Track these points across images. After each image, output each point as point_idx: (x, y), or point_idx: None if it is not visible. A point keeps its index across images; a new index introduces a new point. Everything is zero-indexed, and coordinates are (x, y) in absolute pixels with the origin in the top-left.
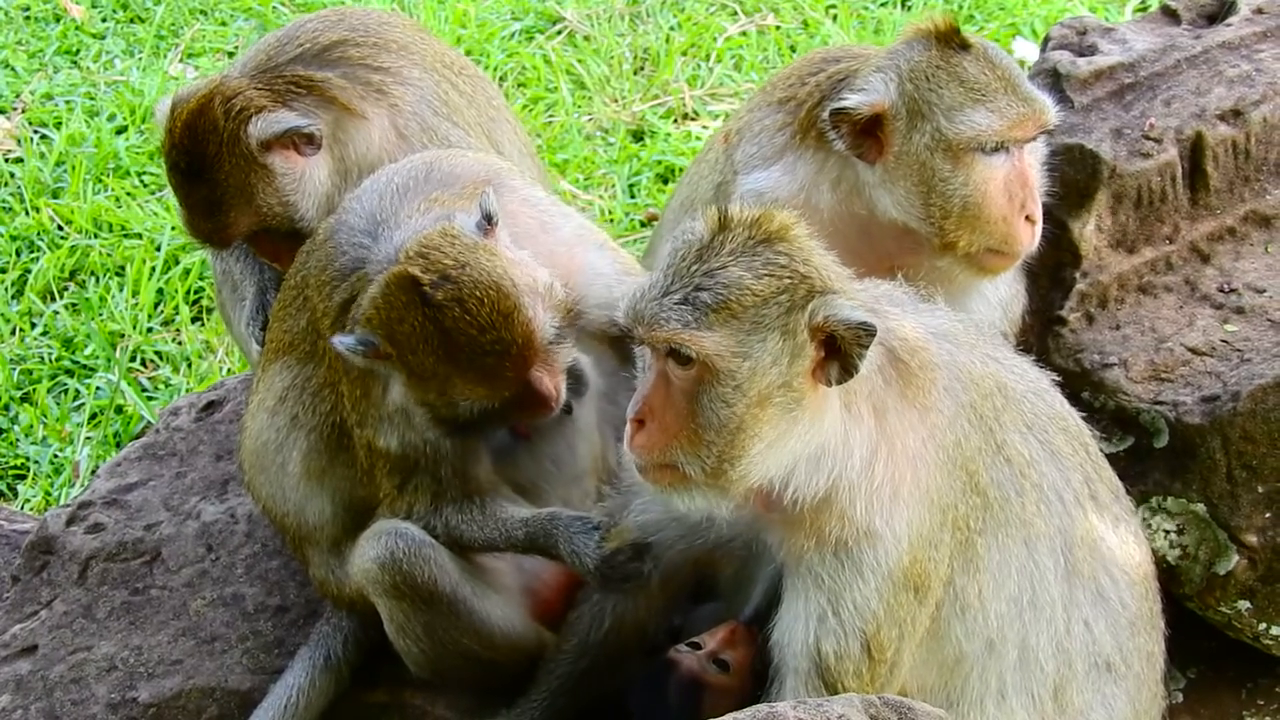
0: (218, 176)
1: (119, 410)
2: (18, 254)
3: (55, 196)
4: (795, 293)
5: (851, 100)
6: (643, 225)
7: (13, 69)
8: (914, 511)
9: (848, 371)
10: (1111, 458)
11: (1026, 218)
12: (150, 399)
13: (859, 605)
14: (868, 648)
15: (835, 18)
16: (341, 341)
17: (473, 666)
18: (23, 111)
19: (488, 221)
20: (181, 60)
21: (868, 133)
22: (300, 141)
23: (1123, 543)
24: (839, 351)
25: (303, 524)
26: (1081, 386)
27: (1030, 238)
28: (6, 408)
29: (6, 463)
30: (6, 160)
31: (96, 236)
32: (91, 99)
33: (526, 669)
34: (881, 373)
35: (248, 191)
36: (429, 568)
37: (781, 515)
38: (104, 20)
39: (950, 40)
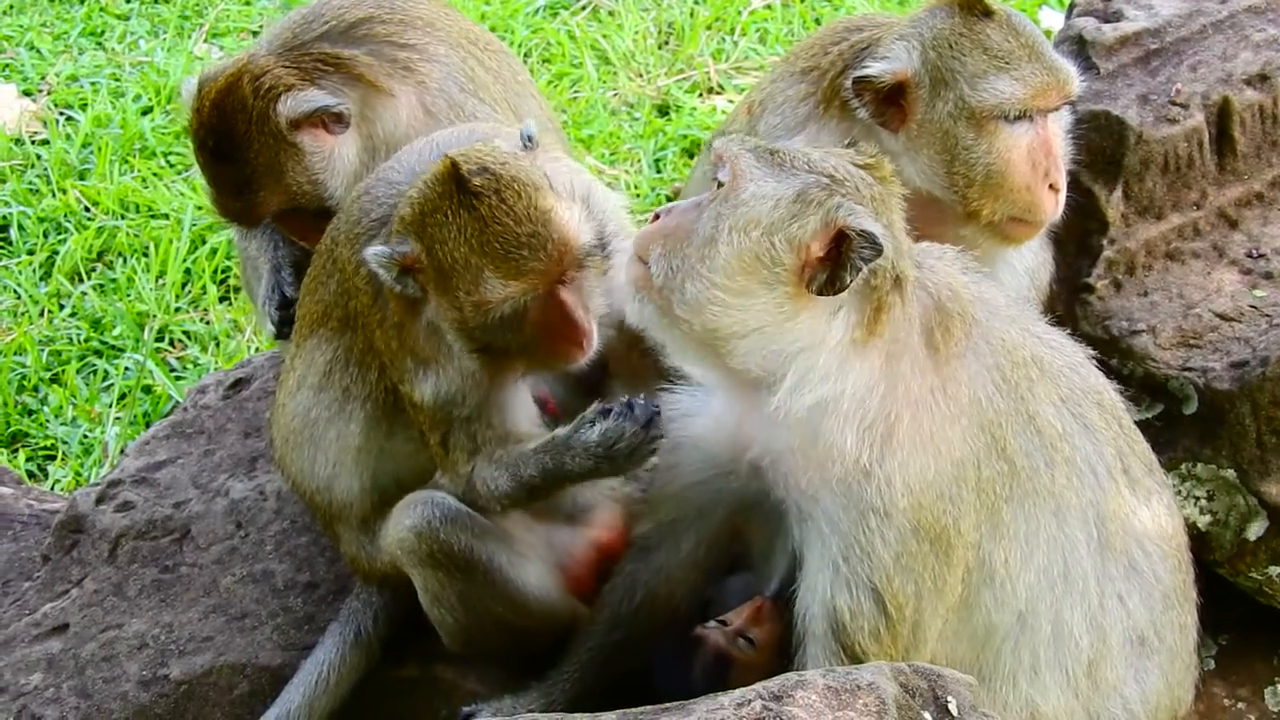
0: (247, 156)
1: (147, 390)
2: (45, 235)
3: (82, 178)
4: (841, 189)
5: (874, 68)
6: (669, 200)
7: (38, 51)
8: (912, 456)
9: (832, 284)
10: (1141, 425)
11: (1050, 186)
12: (179, 379)
13: (864, 549)
14: (881, 602)
15: None
16: (373, 252)
17: (506, 637)
18: (48, 93)
19: (528, 141)
20: (206, 40)
21: (891, 101)
22: (329, 120)
23: (1155, 516)
24: (838, 260)
25: (333, 501)
26: (1110, 354)
27: (1054, 206)
28: (36, 389)
29: (37, 444)
30: (33, 142)
31: (123, 217)
32: (117, 80)
33: (559, 641)
34: (921, 319)
35: (277, 170)
36: (464, 535)
37: (774, 431)
38: (128, 1)
39: (973, 7)
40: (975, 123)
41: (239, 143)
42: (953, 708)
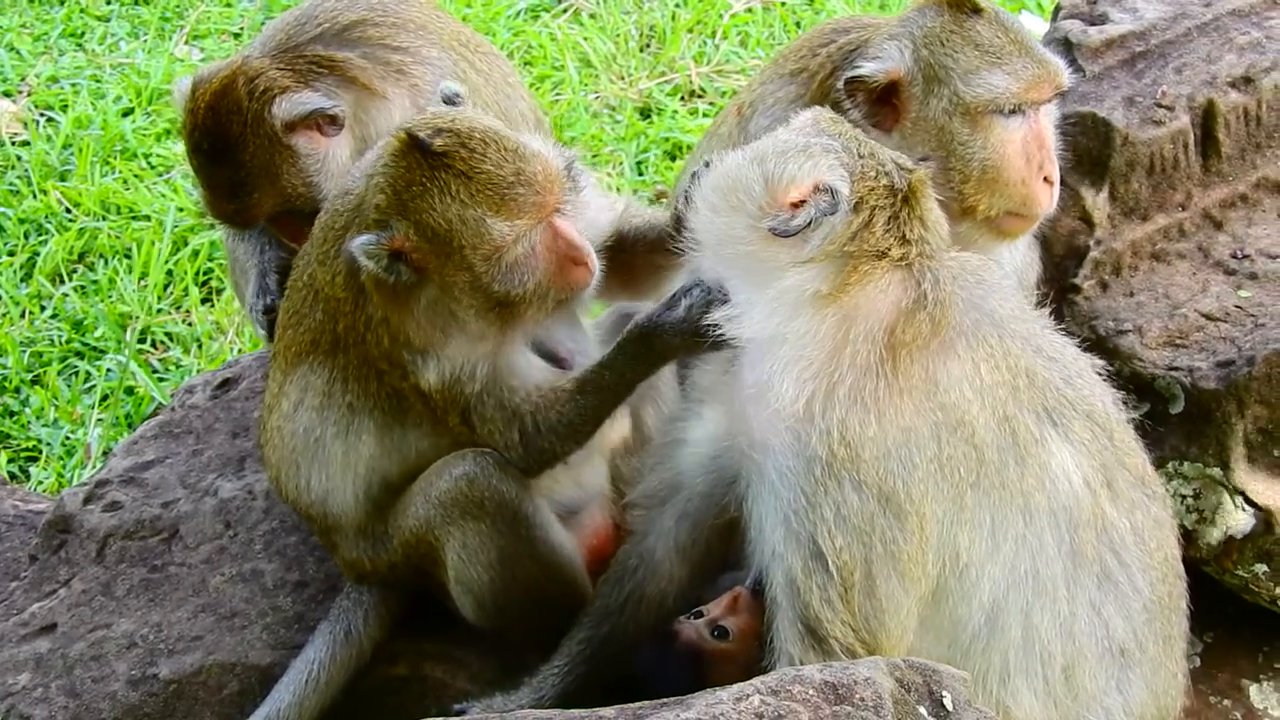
0: (242, 158)
1: (130, 392)
2: (26, 237)
3: (63, 179)
4: (845, 157)
5: (866, 68)
6: (651, 203)
7: (18, 52)
8: (851, 412)
9: (788, 222)
10: None
11: (1045, 179)
12: (161, 380)
13: (810, 500)
14: (823, 559)
15: None
16: (359, 243)
17: (532, 605)
18: (28, 95)
19: (456, 98)
20: (187, 42)
21: (883, 101)
22: (324, 122)
23: (1137, 528)
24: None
25: (328, 514)
26: (1097, 354)
27: (1049, 199)
28: (17, 390)
29: (19, 445)
30: (13, 143)
31: (104, 219)
32: (97, 81)
33: (568, 623)
34: (895, 303)
35: (272, 172)
36: (514, 486)
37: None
38: (108, 2)
39: (962, 5)
40: (970, 118)
41: (234, 145)
42: (948, 703)
